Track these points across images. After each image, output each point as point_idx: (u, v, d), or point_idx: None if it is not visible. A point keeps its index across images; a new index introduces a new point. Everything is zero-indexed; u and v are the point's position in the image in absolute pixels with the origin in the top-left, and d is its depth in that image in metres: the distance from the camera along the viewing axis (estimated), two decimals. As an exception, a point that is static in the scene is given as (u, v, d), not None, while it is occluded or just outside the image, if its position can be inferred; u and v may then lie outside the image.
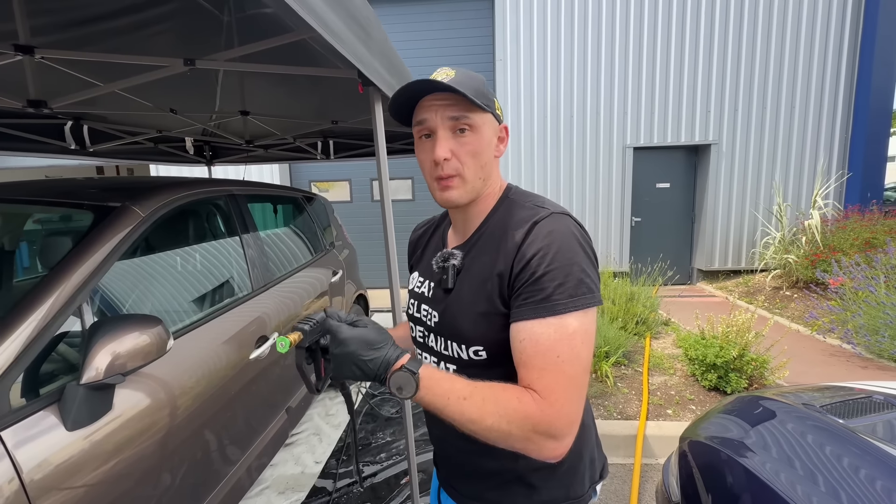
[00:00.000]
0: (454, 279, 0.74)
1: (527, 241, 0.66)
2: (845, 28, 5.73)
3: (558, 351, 0.61)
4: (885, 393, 1.30)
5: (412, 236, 0.96)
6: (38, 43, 1.52)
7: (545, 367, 0.61)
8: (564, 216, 0.68)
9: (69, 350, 1.14)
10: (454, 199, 0.71)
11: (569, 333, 0.61)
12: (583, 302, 0.62)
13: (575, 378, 0.61)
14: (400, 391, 0.62)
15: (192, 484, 1.38)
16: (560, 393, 0.60)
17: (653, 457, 2.40)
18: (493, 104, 0.73)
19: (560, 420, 0.60)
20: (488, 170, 0.73)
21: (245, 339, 1.72)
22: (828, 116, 5.90)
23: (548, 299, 0.62)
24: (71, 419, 0.99)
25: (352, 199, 6.75)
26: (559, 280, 0.62)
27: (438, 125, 0.69)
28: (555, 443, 0.61)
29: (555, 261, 0.63)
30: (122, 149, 3.26)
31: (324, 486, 2.18)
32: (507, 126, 0.77)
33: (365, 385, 3.16)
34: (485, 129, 0.71)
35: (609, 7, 5.87)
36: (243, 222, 2.06)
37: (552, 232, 0.65)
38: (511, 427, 0.60)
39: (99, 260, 1.20)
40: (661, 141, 6.07)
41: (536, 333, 0.62)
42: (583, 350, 0.62)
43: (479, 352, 0.70)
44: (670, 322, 4.27)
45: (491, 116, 0.73)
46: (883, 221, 5.06)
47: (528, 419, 0.60)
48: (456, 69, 0.71)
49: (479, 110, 0.69)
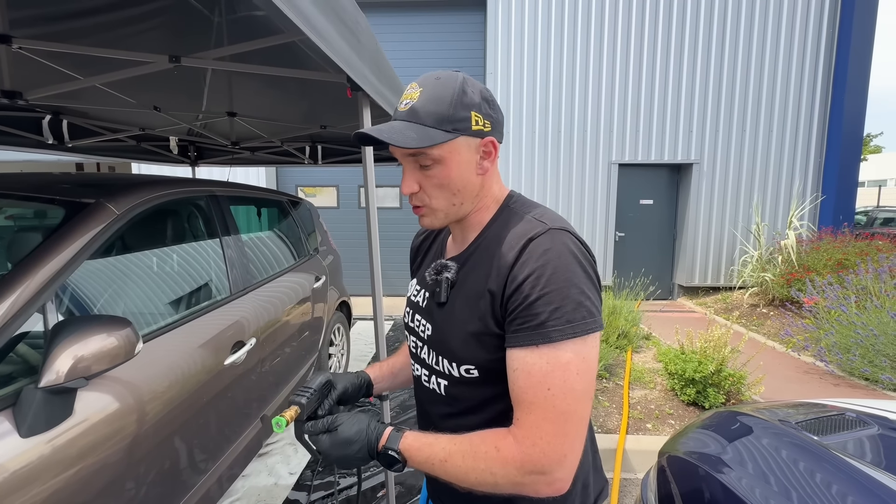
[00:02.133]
0: (447, 293, 0.70)
1: (520, 261, 0.61)
2: (820, 58, 6.01)
3: (549, 384, 0.57)
4: (858, 410, 1.33)
5: (413, 242, 0.93)
6: (16, 32, 1.47)
7: (534, 402, 0.58)
8: (562, 232, 0.63)
9: (30, 351, 1.08)
10: (428, 225, 0.72)
11: (562, 364, 0.57)
12: (581, 328, 0.58)
13: (567, 412, 0.57)
14: (389, 467, 0.65)
15: (158, 494, 1.32)
16: (546, 429, 0.57)
17: (632, 471, 2.40)
18: (468, 121, 0.65)
19: (545, 458, 0.57)
20: (469, 192, 0.69)
21: (221, 344, 1.67)
22: (803, 141, 6.14)
23: (542, 325, 0.58)
24: (26, 425, 0.93)
25: (339, 205, 6.70)
26: (555, 304, 0.58)
27: (402, 160, 0.68)
28: (547, 478, 0.57)
29: (550, 283, 0.59)
30: (103, 145, 3.18)
31: (297, 499, 2.12)
32: (493, 140, 0.68)
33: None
34: (452, 158, 0.66)
35: (598, 26, 6.04)
36: (224, 224, 2.01)
37: (548, 251, 0.60)
38: (496, 478, 0.59)
39: (67, 257, 1.15)
40: (645, 158, 6.22)
41: (528, 364, 0.59)
42: (578, 382, 0.57)
43: (471, 370, 0.68)
44: (651, 336, 4.32)
45: (462, 140, 0.65)
46: (854, 243, 5.25)
47: (508, 465, 0.58)
48: (424, 87, 0.65)
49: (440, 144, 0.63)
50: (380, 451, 0.65)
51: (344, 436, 0.66)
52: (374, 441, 0.65)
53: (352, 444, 0.65)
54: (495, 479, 0.59)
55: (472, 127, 0.65)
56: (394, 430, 0.66)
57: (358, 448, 0.65)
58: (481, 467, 0.59)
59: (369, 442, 0.65)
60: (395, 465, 0.64)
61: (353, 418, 0.68)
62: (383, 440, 0.65)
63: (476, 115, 0.65)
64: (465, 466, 0.60)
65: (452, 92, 0.64)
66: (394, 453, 0.64)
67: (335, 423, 0.67)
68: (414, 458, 0.63)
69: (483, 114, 0.66)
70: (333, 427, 0.67)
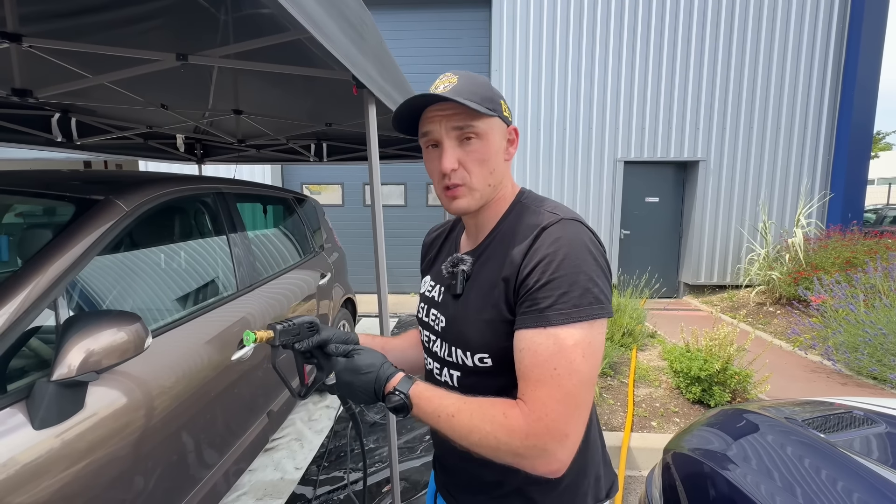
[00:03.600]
0: (463, 284, 0.73)
1: (533, 248, 0.64)
2: (829, 54, 5.93)
3: (555, 363, 0.59)
4: (865, 409, 1.32)
5: (426, 239, 0.95)
6: (26, 31, 1.49)
7: (540, 380, 0.59)
8: (575, 222, 0.66)
9: (42, 346, 1.10)
10: (463, 207, 0.71)
11: (569, 346, 0.59)
12: (588, 313, 0.59)
13: (571, 393, 0.58)
14: (396, 412, 0.65)
15: (165, 488, 1.34)
16: (552, 407, 0.58)
17: (636, 469, 2.40)
18: (500, 107, 0.71)
19: (549, 434, 0.58)
20: (498, 175, 0.72)
21: (228, 340, 1.68)
22: (811, 138, 6.07)
23: (550, 308, 0.60)
24: (39, 417, 0.95)
25: (344, 202, 6.72)
26: (564, 289, 0.60)
27: (443, 136, 0.68)
28: (546, 458, 0.58)
29: (560, 268, 0.61)
30: (111, 143, 3.21)
31: (303, 493, 2.13)
32: (516, 128, 0.75)
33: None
34: (492, 134, 0.69)
35: (604, 23, 5.99)
36: (231, 221, 2.03)
37: (560, 238, 0.63)
38: (498, 442, 0.59)
39: (78, 254, 1.17)
40: (651, 156, 6.18)
41: (536, 344, 0.60)
42: (583, 364, 0.59)
43: (485, 359, 0.69)
44: (656, 334, 4.30)
45: (498, 120, 0.70)
46: (863, 241, 5.19)
47: (513, 433, 0.58)
48: (459, 74, 0.69)
49: (485, 117, 0.67)
50: (388, 391, 0.65)
51: (357, 363, 0.68)
52: (383, 379, 0.66)
53: (361, 374, 0.67)
54: (497, 444, 0.60)
55: (503, 112, 0.72)
56: (405, 375, 0.67)
57: (366, 380, 0.66)
58: (487, 429, 0.60)
59: (378, 379, 0.66)
60: (400, 411, 0.64)
61: (371, 353, 0.70)
62: (394, 381, 0.66)
63: (504, 104, 0.73)
64: (470, 425, 0.61)
65: (486, 81, 0.72)
66: (402, 395, 0.64)
67: (354, 351, 0.71)
68: (422, 406, 0.64)
69: (507, 106, 0.74)
70: (351, 354, 0.70)
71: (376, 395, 0.66)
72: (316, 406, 3.03)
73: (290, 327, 0.74)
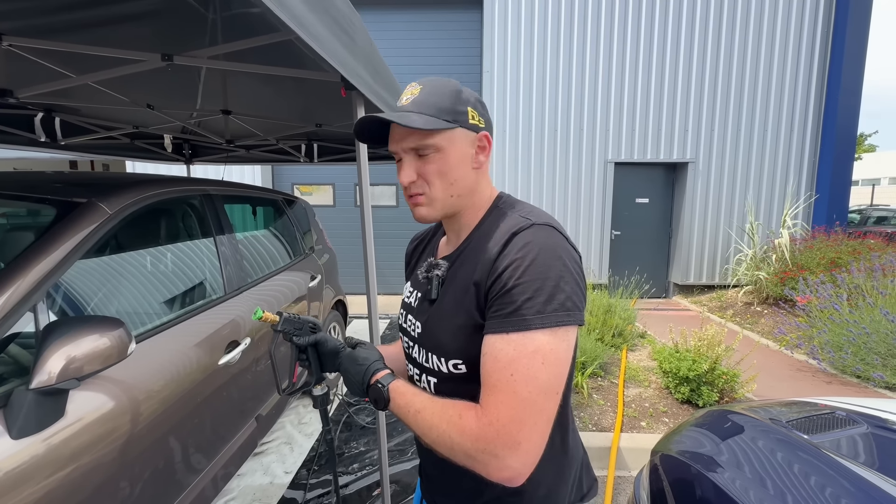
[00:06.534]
0: (438, 289, 0.73)
1: (503, 253, 0.63)
2: (814, 57, 6.04)
3: (513, 369, 0.57)
4: (848, 409, 1.34)
5: (408, 247, 0.95)
6: (5, 28, 1.46)
7: (496, 385, 0.58)
8: (547, 227, 0.64)
9: (21, 352, 1.07)
10: (423, 215, 0.72)
11: (529, 352, 0.57)
12: (553, 319, 0.58)
13: (527, 400, 0.56)
14: (375, 403, 0.70)
15: (152, 494, 1.31)
16: (504, 412, 0.57)
17: (626, 469, 2.42)
18: (466, 115, 0.69)
19: (498, 439, 0.56)
20: (463, 184, 0.71)
21: (215, 344, 1.66)
22: (797, 140, 6.17)
23: (513, 314, 0.59)
24: (17, 427, 0.93)
25: (335, 203, 6.68)
26: (528, 294, 0.59)
27: (402, 153, 0.70)
28: (497, 463, 0.57)
29: (526, 273, 0.60)
30: (96, 143, 3.16)
31: (293, 498, 2.12)
32: (487, 134, 0.72)
33: (341, 393, 3.10)
34: (451, 147, 0.69)
35: (594, 25, 6.04)
36: (218, 223, 2.00)
37: (529, 243, 0.62)
38: (452, 442, 0.60)
39: (59, 257, 1.14)
40: (641, 157, 6.24)
41: (497, 349, 0.59)
42: (542, 372, 0.57)
43: (459, 365, 0.69)
44: (646, 335, 4.34)
45: (461, 131, 0.69)
46: (847, 242, 5.30)
47: (465, 434, 0.59)
48: (424, 84, 0.70)
49: (442, 131, 0.67)
50: (372, 383, 0.71)
51: (357, 354, 0.76)
52: (371, 371, 0.72)
53: (357, 363, 0.74)
54: (451, 443, 0.60)
55: (468, 120, 0.70)
56: (389, 372, 0.73)
57: (359, 370, 0.73)
58: (443, 428, 0.61)
59: (367, 371, 0.72)
60: (379, 403, 0.69)
61: (371, 349, 0.78)
62: (378, 375, 0.71)
63: (472, 110, 0.71)
64: (431, 422, 0.63)
65: (451, 89, 0.70)
66: (382, 387, 0.69)
67: (360, 344, 0.80)
68: (396, 400, 0.68)
69: (478, 112, 0.72)
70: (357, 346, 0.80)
71: (363, 384, 0.72)
72: (306, 409, 3.01)
73: (295, 319, 0.83)
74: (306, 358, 0.84)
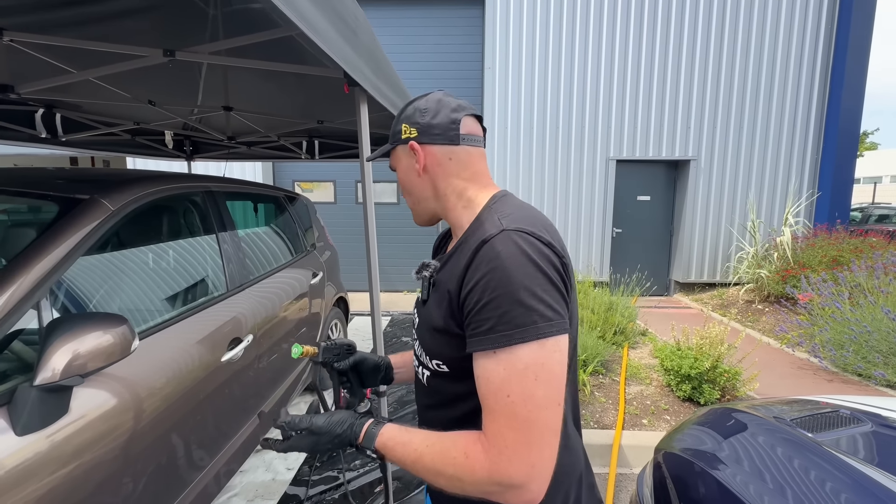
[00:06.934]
0: (427, 291, 0.73)
1: (472, 265, 0.61)
2: (818, 54, 6.01)
3: (508, 390, 0.56)
4: (852, 407, 1.34)
5: (435, 243, 0.96)
6: (6, 24, 1.45)
7: (495, 409, 0.57)
8: (516, 233, 0.60)
9: (25, 349, 1.07)
10: (416, 223, 0.84)
11: (519, 370, 0.56)
12: (534, 332, 0.55)
13: (529, 420, 0.55)
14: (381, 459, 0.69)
15: (154, 491, 1.32)
16: (511, 437, 0.55)
17: (628, 466, 2.42)
18: (400, 133, 0.76)
19: (513, 468, 0.55)
20: (421, 193, 0.77)
21: (218, 341, 1.66)
22: (800, 138, 6.15)
23: (492, 330, 0.57)
24: (21, 423, 0.93)
25: (336, 200, 6.67)
26: (504, 308, 0.56)
27: None
28: (516, 490, 0.55)
29: (498, 287, 0.57)
30: (97, 139, 3.15)
31: (296, 494, 2.12)
32: (412, 143, 0.74)
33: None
34: (399, 164, 0.78)
35: (597, 21, 6.00)
36: (220, 220, 2.00)
37: (498, 255, 0.58)
38: (464, 484, 0.58)
39: (62, 254, 1.14)
40: (643, 154, 6.22)
41: (488, 371, 0.58)
42: (537, 388, 0.55)
43: (441, 365, 0.69)
44: (648, 332, 4.34)
45: (399, 148, 0.77)
46: (848, 240, 5.28)
47: (476, 473, 0.57)
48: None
49: (392, 152, 0.79)
50: (360, 445, 0.69)
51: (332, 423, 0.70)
52: (353, 437, 0.69)
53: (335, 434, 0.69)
54: (463, 486, 0.58)
55: (402, 136, 0.76)
56: (371, 425, 0.69)
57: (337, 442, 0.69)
58: (449, 472, 0.59)
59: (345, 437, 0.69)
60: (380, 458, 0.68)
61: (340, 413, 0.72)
62: (360, 439, 0.69)
63: (405, 125, 0.75)
64: (434, 469, 0.61)
65: (399, 112, 0.79)
66: (371, 452, 0.67)
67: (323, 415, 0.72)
68: (389, 455, 0.66)
69: (411, 123, 0.75)
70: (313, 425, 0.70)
71: (354, 446, 0.70)
72: (307, 406, 3.01)
73: (332, 346, 0.85)
74: (347, 380, 0.88)
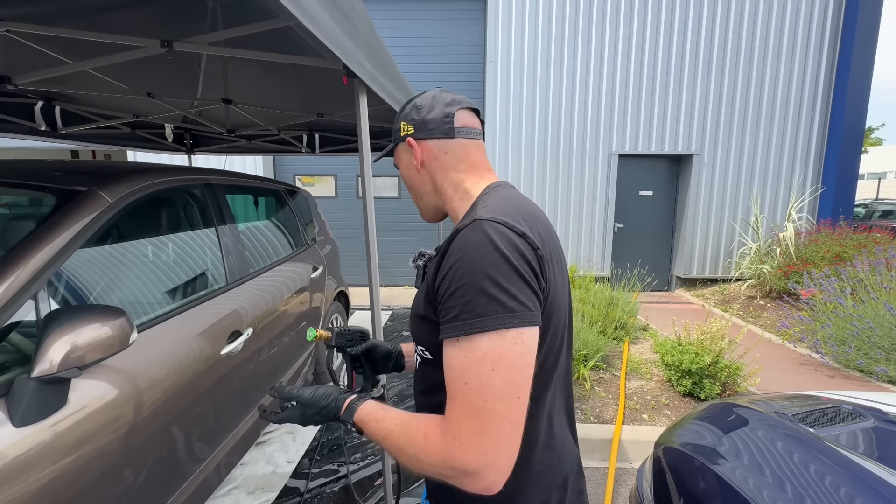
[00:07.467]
0: (420, 279, 0.78)
1: (447, 254, 0.62)
2: (823, 50, 5.94)
3: (466, 378, 0.56)
4: (853, 403, 1.33)
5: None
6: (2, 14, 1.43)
7: (454, 396, 0.57)
8: (487, 222, 0.60)
9: (23, 341, 1.07)
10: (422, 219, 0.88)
11: (477, 358, 0.56)
12: (493, 322, 0.55)
13: (485, 409, 0.55)
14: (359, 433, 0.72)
15: (155, 483, 1.32)
16: (465, 424, 0.55)
17: (627, 461, 2.42)
18: (399, 131, 0.79)
19: (466, 454, 0.55)
20: (422, 188, 0.80)
21: (218, 334, 1.66)
22: (804, 133, 6.10)
23: (456, 318, 0.58)
24: (19, 415, 0.93)
25: (337, 194, 6.66)
26: (467, 297, 0.57)
27: None
28: (469, 477, 0.56)
29: (464, 276, 0.58)
30: (97, 132, 3.14)
31: (296, 487, 2.13)
32: (409, 140, 0.77)
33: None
34: (400, 162, 0.82)
35: (599, 17, 5.94)
36: (220, 213, 1.99)
37: (467, 244, 0.60)
38: (422, 464, 0.59)
39: (59, 246, 1.14)
40: (645, 149, 6.18)
41: (451, 357, 0.59)
42: (494, 378, 0.55)
43: (424, 352, 0.71)
44: (648, 327, 4.34)
45: (400, 147, 0.81)
46: (852, 236, 5.25)
47: (432, 455, 0.58)
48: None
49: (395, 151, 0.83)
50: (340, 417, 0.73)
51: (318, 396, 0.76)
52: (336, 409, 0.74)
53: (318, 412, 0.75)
54: (421, 466, 0.60)
55: (401, 135, 0.79)
56: (353, 400, 0.73)
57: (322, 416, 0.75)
58: (410, 452, 0.61)
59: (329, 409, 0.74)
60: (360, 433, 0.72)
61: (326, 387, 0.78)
62: (341, 412, 0.73)
63: (404, 123, 0.79)
64: (398, 447, 0.63)
65: (399, 111, 0.82)
66: (350, 426, 0.72)
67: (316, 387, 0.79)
68: (365, 430, 0.70)
69: (408, 120, 0.78)
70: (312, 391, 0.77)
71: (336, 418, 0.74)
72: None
73: (346, 331, 0.87)
74: (360, 365, 0.91)
